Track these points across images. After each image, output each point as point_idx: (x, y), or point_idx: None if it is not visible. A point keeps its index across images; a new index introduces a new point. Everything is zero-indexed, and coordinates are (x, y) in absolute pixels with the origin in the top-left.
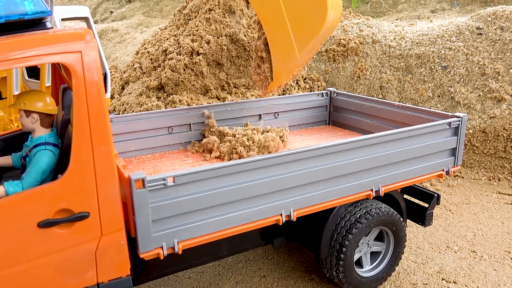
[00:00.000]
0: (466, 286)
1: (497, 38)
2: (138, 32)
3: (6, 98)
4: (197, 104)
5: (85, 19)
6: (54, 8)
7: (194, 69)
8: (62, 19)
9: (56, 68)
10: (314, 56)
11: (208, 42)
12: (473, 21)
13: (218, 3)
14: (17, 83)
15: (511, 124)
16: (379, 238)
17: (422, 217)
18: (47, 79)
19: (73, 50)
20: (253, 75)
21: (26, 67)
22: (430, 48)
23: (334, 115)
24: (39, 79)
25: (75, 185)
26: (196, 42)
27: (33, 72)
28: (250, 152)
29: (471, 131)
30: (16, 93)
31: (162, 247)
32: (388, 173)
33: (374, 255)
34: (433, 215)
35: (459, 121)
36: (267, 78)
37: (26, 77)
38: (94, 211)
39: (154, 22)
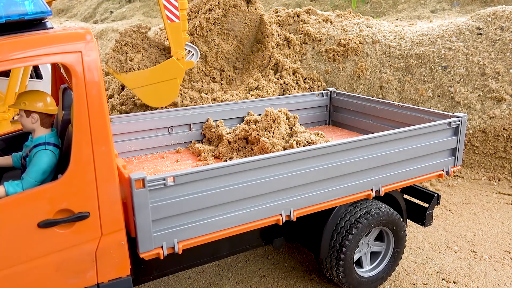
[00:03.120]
0: (466, 286)
1: (497, 38)
2: None
3: None
4: (197, 104)
5: None
6: None
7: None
8: None
9: (56, 68)
10: (315, 56)
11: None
12: (473, 21)
13: (218, 3)
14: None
15: (511, 124)
16: (379, 238)
17: (422, 217)
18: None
19: (73, 50)
20: None
21: None
22: (430, 48)
23: (334, 115)
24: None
25: (75, 185)
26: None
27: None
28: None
29: (471, 131)
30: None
31: (162, 247)
32: (388, 173)
33: (374, 255)
34: (433, 215)
35: (459, 121)
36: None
37: None
38: (94, 211)
39: (154, 22)
